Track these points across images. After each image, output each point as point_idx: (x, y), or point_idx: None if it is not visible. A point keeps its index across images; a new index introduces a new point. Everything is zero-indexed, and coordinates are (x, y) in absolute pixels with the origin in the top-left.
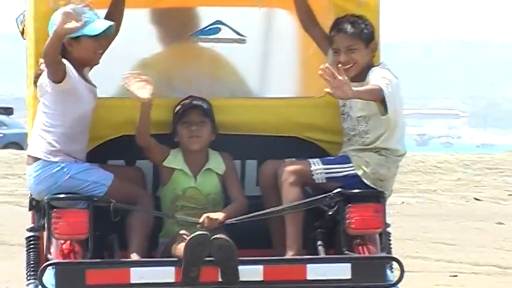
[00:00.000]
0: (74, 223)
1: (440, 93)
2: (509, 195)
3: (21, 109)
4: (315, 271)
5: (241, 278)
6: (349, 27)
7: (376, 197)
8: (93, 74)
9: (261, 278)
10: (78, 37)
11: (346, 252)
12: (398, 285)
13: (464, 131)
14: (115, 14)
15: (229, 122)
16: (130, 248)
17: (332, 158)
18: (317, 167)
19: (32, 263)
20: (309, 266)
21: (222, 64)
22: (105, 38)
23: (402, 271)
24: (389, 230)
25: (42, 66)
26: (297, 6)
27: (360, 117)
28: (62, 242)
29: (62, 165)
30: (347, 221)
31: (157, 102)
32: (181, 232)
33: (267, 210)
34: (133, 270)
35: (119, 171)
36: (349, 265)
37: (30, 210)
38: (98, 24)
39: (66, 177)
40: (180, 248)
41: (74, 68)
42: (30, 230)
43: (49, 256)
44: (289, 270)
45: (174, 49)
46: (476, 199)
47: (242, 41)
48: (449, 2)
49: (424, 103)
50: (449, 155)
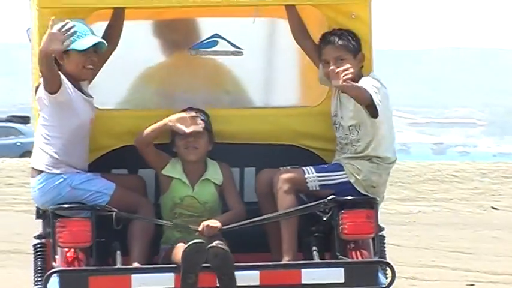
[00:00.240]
0: (78, 232)
1: (458, 102)
2: None
3: None
4: (309, 275)
5: (239, 283)
6: (336, 39)
7: (368, 203)
8: (95, 85)
9: (257, 283)
10: (68, 51)
11: (340, 257)
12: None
13: (481, 140)
14: (115, 27)
15: (228, 131)
16: (132, 255)
17: (325, 166)
18: (310, 175)
19: (39, 269)
20: (303, 270)
21: (223, 74)
22: (96, 53)
23: (394, 275)
24: (383, 233)
25: (41, 80)
26: (289, 20)
27: (351, 126)
28: (66, 250)
29: (64, 176)
30: (340, 226)
31: (159, 113)
32: (181, 239)
33: (263, 217)
34: (134, 277)
35: (120, 180)
36: (342, 269)
37: (37, 219)
38: (87, 40)
39: (69, 188)
40: (178, 255)
41: (69, 81)
42: (37, 237)
43: (54, 264)
44: (285, 275)
45: (176, 60)
46: (493, 208)
47: (239, 53)
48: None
49: (441, 112)
50: (466, 163)
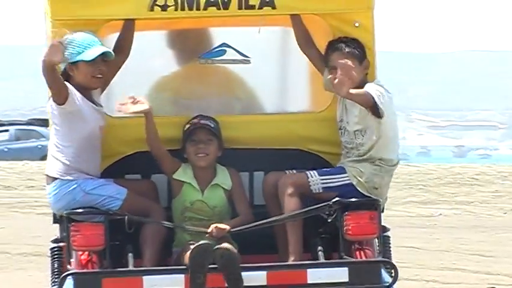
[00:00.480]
0: (91, 236)
1: (479, 105)
2: None
3: None
4: (315, 275)
5: (246, 283)
6: (343, 46)
7: (371, 205)
8: (110, 94)
9: (264, 283)
10: (76, 62)
11: (345, 257)
12: (394, 286)
13: (502, 143)
14: (125, 38)
15: (238, 137)
16: (144, 257)
17: (328, 169)
18: (314, 178)
19: (56, 272)
20: (309, 270)
21: (233, 82)
22: (104, 63)
23: (396, 273)
24: (388, 234)
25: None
26: (294, 29)
27: (357, 130)
28: (81, 253)
29: (78, 182)
30: (345, 227)
31: (171, 120)
32: (191, 242)
33: (269, 220)
34: (145, 278)
35: (133, 186)
36: (346, 269)
37: (54, 223)
38: (94, 50)
39: (83, 194)
40: (187, 257)
41: (79, 91)
42: (54, 241)
43: (69, 266)
44: (291, 275)
45: (188, 69)
46: None
47: (247, 61)
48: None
49: (462, 115)
50: (486, 166)
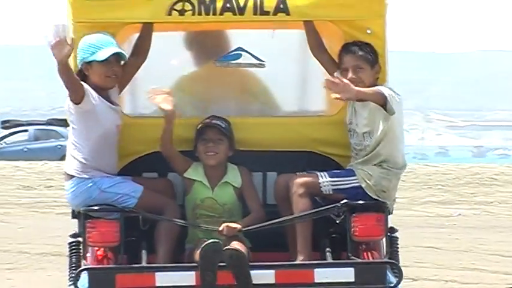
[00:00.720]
0: (106, 232)
1: (497, 105)
2: None
3: None
4: (322, 275)
5: (255, 281)
6: (357, 49)
7: (378, 207)
8: (128, 94)
9: (273, 281)
10: (90, 62)
11: (352, 257)
12: (399, 286)
13: None
14: (143, 40)
15: (253, 138)
16: (158, 254)
17: (338, 171)
18: (324, 179)
19: (73, 266)
20: (316, 270)
21: (251, 85)
22: (118, 63)
23: (400, 274)
24: (396, 235)
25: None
26: (307, 34)
27: (365, 132)
28: (96, 249)
29: (94, 180)
30: (352, 229)
31: (189, 121)
32: (202, 239)
33: (279, 220)
34: (158, 275)
35: (149, 183)
36: (352, 269)
37: (73, 218)
38: (107, 51)
39: (99, 191)
40: (198, 255)
41: (95, 91)
42: (72, 236)
43: (84, 262)
44: (299, 274)
45: (206, 70)
46: None
47: (261, 65)
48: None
49: (481, 115)
50: (506, 166)
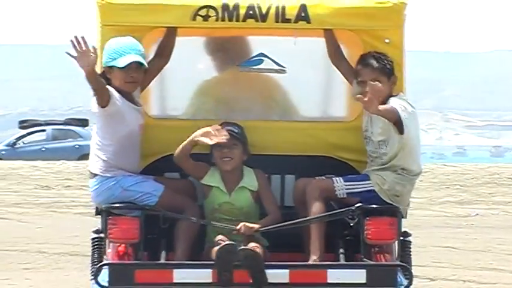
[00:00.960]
0: (127, 229)
1: None
2: None
3: None
4: (334, 275)
5: (270, 280)
6: (374, 62)
7: (391, 211)
8: (153, 96)
9: (287, 281)
10: (112, 68)
11: (364, 259)
12: None
13: None
14: (167, 44)
15: (273, 141)
16: (177, 251)
17: (353, 176)
18: (339, 183)
19: (95, 261)
20: (329, 271)
21: (270, 89)
22: (137, 70)
23: (411, 277)
24: (409, 239)
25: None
26: (326, 42)
27: (380, 141)
28: (117, 245)
29: (117, 179)
30: (365, 232)
31: (208, 124)
32: (220, 238)
33: (294, 221)
34: (176, 272)
35: (171, 183)
36: (364, 271)
37: (96, 215)
38: (126, 58)
39: (121, 190)
40: (215, 254)
41: (119, 93)
42: (95, 232)
43: (105, 257)
44: (312, 274)
45: (228, 75)
46: None
47: (282, 71)
48: None
49: (499, 114)
50: None
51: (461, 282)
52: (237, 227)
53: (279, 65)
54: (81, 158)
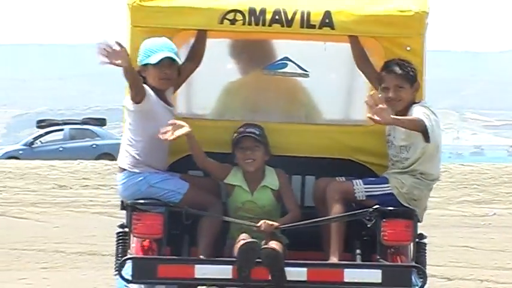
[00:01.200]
0: (151, 225)
1: None
2: None
3: (113, 120)
4: (351, 275)
5: (289, 278)
6: (398, 69)
7: (408, 214)
8: (181, 95)
9: (305, 279)
10: (146, 65)
11: (380, 260)
12: None
13: None
14: (197, 46)
15: (295, 143)
16: (199, 247)
17: (373, 179)
18: (358, 186)
19: (120, 255)
20: (346, 270)
21: (294, 92)
22: (170, 67)
23: (425, 278)
24: (425, 241)
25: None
26: (352, 48)
27: (402, 146)
28: (142, 240)
29: (144, 175)
30: (382, 233)
31: (236, 124)
32: (242, 235)
33: (313, 220)
34: (197, 267)
35: (196, 181)
36: (380, 271)
37: (121, 209)
38: (159, 55)
39: (147, 186)
40: (236, 251)
41: (154, 91)
42: (120, 226)
43: (129, 251)
44: (329, 273)
45: (253, 77)
46: None
47: (305, 75)
48: None
49: None
50: None
51: (479, 282)
52: (258, 224)
53: (302, 69)
54: (99, 157)
